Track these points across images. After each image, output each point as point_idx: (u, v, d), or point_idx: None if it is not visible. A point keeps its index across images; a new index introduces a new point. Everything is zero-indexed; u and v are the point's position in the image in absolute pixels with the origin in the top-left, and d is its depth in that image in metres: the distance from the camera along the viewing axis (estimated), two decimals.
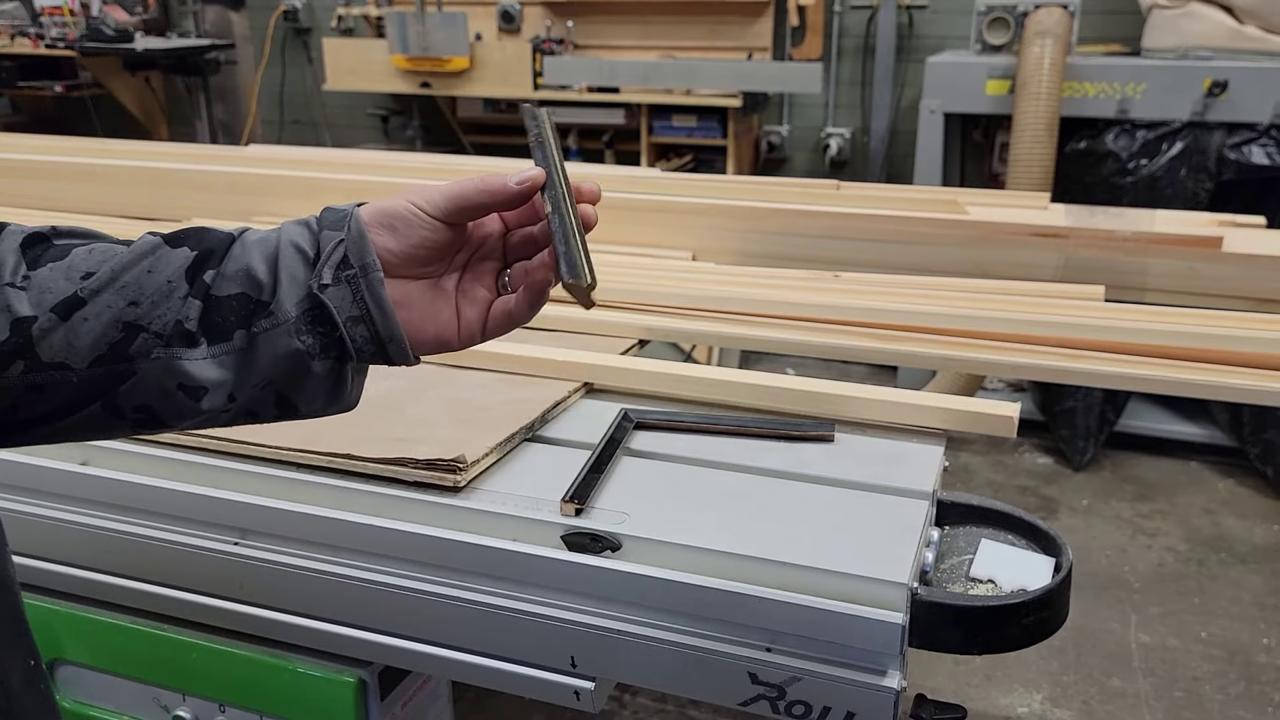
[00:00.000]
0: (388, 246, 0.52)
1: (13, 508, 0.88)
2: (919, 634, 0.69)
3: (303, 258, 0.50)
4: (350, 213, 0.52)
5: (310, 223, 0.52)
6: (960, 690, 1.82)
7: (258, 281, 0.50)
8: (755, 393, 0.92)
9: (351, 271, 0.50)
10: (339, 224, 0.52)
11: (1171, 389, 0.91)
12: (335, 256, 0.50)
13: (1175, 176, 2.40)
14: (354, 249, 0.51)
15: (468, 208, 0.53)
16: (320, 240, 0.51)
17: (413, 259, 0.53)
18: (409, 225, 0.53)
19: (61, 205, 1.55)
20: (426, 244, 0.53)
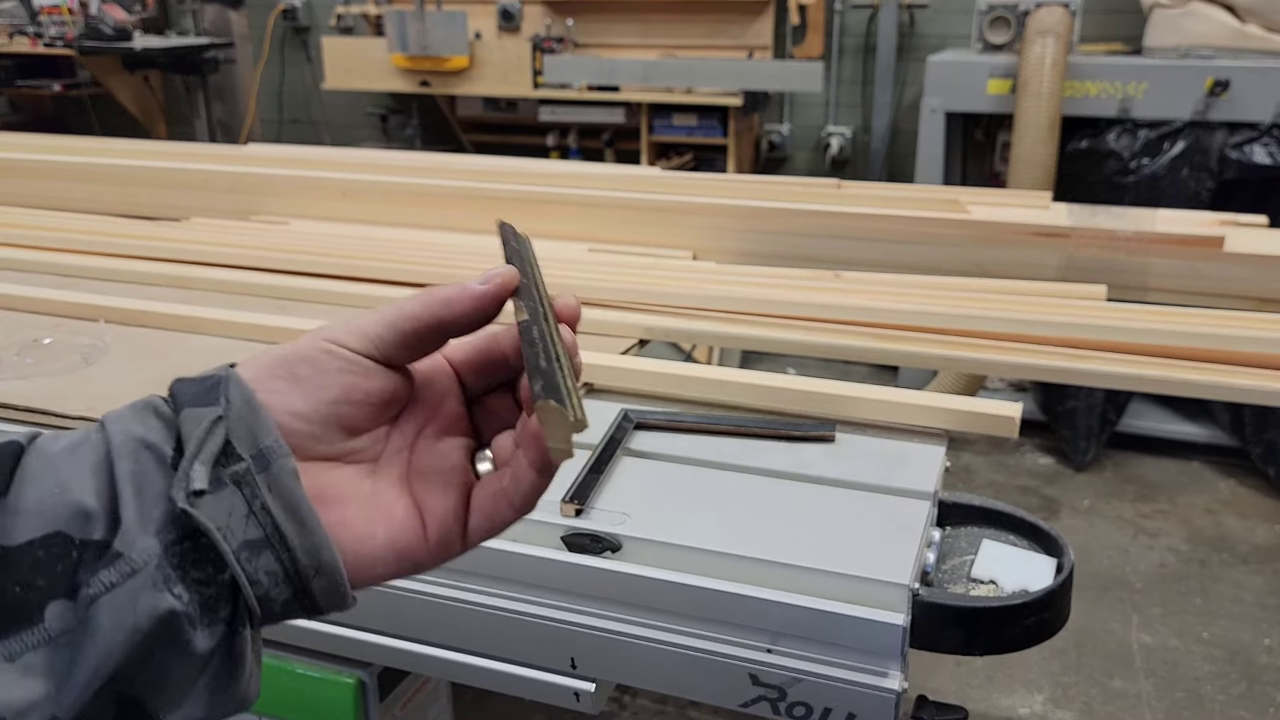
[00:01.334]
0: (293, 409, 0.34)
1: None
2: (920, 635, 0.69)
3: (155, 456, 0.32)
4: (224, 377, 0.34)
5: (155, 403, 0.34)
6: (961, 691, 1.81)
7: (81, 509, 0.30)
8: (756, 393, 0.91)
9: (240, 466, 0.32)
10: (208, 395, 0.33)
11: (1173, 389, 0.91)
12: (211, 445, 0.32)
13: (1177, 176, 2.40)
14: (240, 427, 0.33)
15: (414, 331, 0.36)
16: (181, 424, 0.33)
17: (334, 423, 0.35)
18: (323, 372, 0.35)
19: (60, 205, 1.55)
20: (353, 397, 0.35)
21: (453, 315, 0.36)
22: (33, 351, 1.01)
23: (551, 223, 1.34)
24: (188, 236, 1.35)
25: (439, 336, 0.37)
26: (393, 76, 3.47)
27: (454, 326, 0.37)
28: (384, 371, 0.36)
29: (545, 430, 0.34)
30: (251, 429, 0.33)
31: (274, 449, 0.33)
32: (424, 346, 0.37)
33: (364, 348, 0.36)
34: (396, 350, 0.36)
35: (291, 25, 4.08)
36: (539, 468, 0.36)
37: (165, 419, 0.33)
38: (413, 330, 0.36)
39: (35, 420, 0.89)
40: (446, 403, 0.39)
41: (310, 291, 1.17)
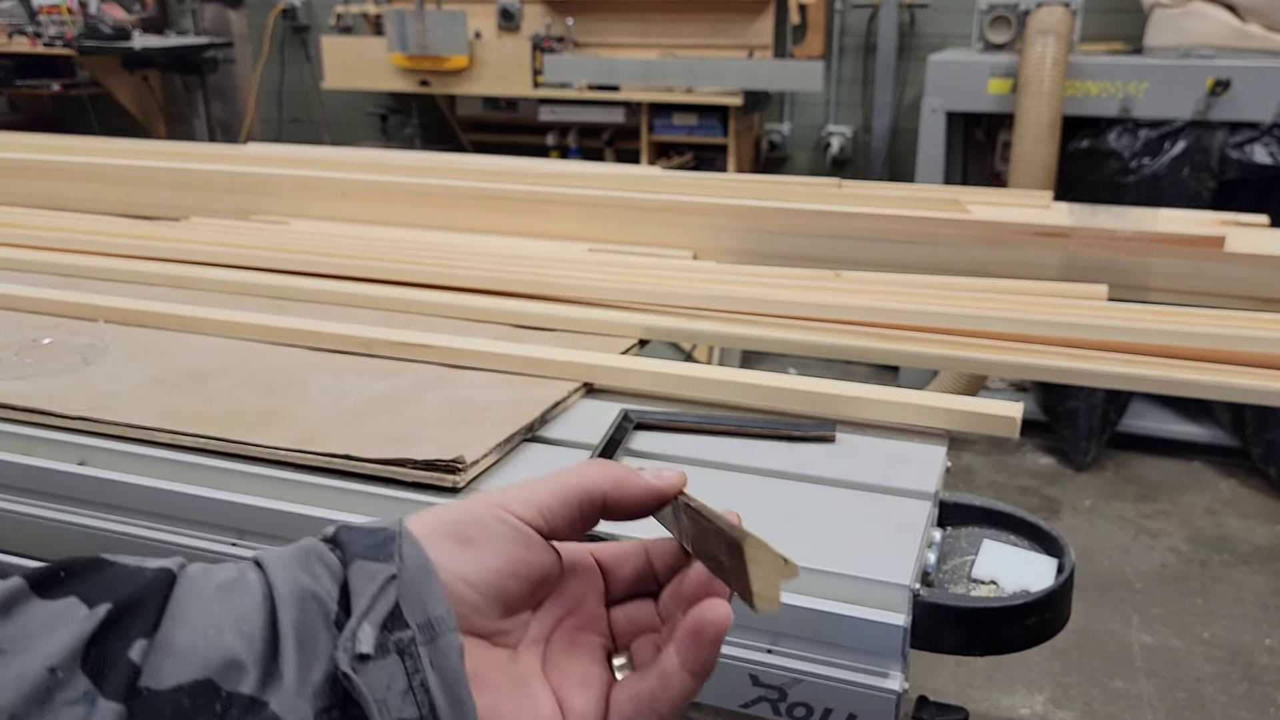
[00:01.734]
0: (462, 574, 0.32)
1: (9, 508, 0.87)
2: (921, 635, 0.69)
3: (320, 610, 0.30)
4: (397, 532, 0.32)
5: (319, 549, 0.32)
6: (962, 691, 1.81)
7: (232, 658, 0.28)
8: (756, 393, 0.91)
9: (406, 633, 0.30)
10: (380, 549, 0.31)
11: (1174, 389, 0.91)
12: (381, 606, 0.30)
13: (1178, 175, 2.40)
14: (411, 591, 0.31)
15: (579, 504, 0.35)
16: (350, 577, 0.31)
17: (496, 596, 0.33)
18: (493, 539, 0.33)
19: (59, 204, 1.55)
20: (517, 570, 0.34)
21: (619, 495, 0.36)
22: (32, 351, 1.01)
23: (551, 222, 1.34)
24: (187, 236, 1.35)
25: (600, 513, 0.36)
26: (392, 76, 3.47)
27: (616, 507, 0.36)
28: (545, 546, 0.35)
29: (751, 573, 0.32)
30: (423, 595, 0.31)
31: (443, 620, 0.31)
32: (585, 522, 0.36)
33: (532, 518, 0.34)
34: (561, 523, 0.35)
35: (291, 25, 4.08)
36: (694, 670, 0.33)
37: (331, 569, 0.31)
38: (577, 502, 0.35)
39: (35, 420, 0.89)
40: (589, 598, 0.37)
41: (310, 291, 1.17)
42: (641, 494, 0.36)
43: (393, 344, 1.01)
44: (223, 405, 0.89)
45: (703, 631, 0.32)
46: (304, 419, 0.86)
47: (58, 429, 0.87)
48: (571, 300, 1.11)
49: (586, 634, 0.36)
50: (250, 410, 0.88)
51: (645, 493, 0.36)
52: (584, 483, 0.35)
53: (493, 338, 1.03)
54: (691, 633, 0.32)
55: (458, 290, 1.14)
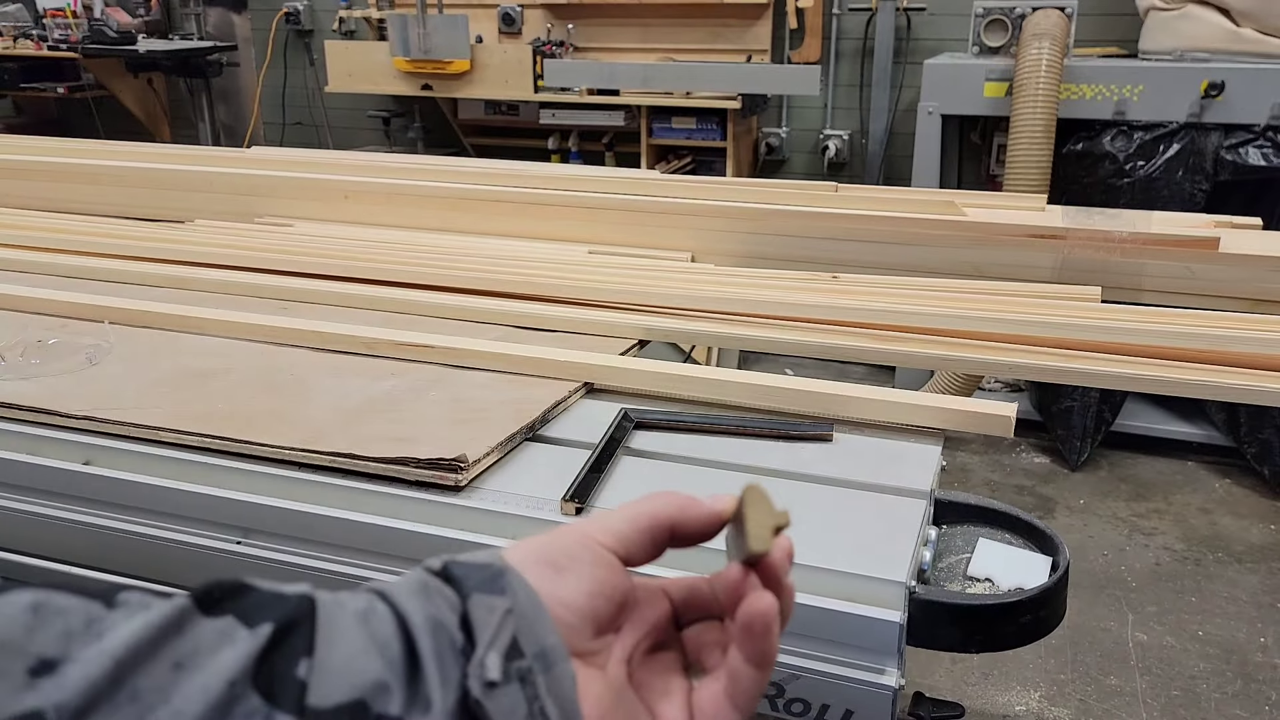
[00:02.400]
0: (561, 597, 0.35)
1: (15, 507, 0.88)
2: (917, 632, 0.70)
3: (449, 639, 0.32)
4: (504, 567, 0.34)
5: (433, 584, 0.33)
6: (958, 688, 1.82)
7: (380, 680, 0.30)
8: (754, 393, 0.92)
9: (524, 663, 0.32)
10: (493, 584, 0.33)
11: (1168, 389, 0.92)
12: (503, 637, 0.32)
13: (1172, 178, 2.41)
14: (525, 623, 0.33)
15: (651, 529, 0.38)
16: (470, 609, 0.33)
17: (589, 617, 0.35)
18: (581, 564, 0.36)
19: (64, 207, 1.56)
20: (605, 591, 0.36)
21: (685, 520, 0.38)
22: (37, 352, 1.02)
23: (552, 225, 1.35)
24: (191, 238, 1.36)
25: (670, 538, 0.38)
26: (395, 80, 3.48)
27: (684, 531, 0.38)
28: (624, 570, 0.37)
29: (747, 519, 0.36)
30: (536, 626, 0.33)
31: (556, 649, 0.33)
32: (656, 547, 0.38)
33: (612, 544, 0.37)
34: (636, 549, 0.38)
35: (294, 29, 4.09)
36: (757, 662, 0.35)
37: (449, 601, 0.33)
38: (649, 527, 0.38)
39: (40, 420, 0.90)
40: (662, 620, 0.39)
41: (313, 292, 1.18)
42: (705, 519, 0.38)
43: (395, 344, 1.02)
44: (226, 405, 0.90)
45: (752, 624, 0.34)
46: (307, 419, 0.87)
47: (63, 429, 0.88)
48: (572, 301, 1.12)
49: (663, 651, 0.39)
50: (253, 410, 0.89)
51: (708, 516, 0.38)
52: (654, 510, 0.38)
53: (494, 338, 1.04)
54: (744, 628, 0.35)
55: (459, 291, 1.15)
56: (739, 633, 0.35)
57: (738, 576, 0.36)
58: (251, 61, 4.22)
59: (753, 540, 0.35)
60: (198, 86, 3.99)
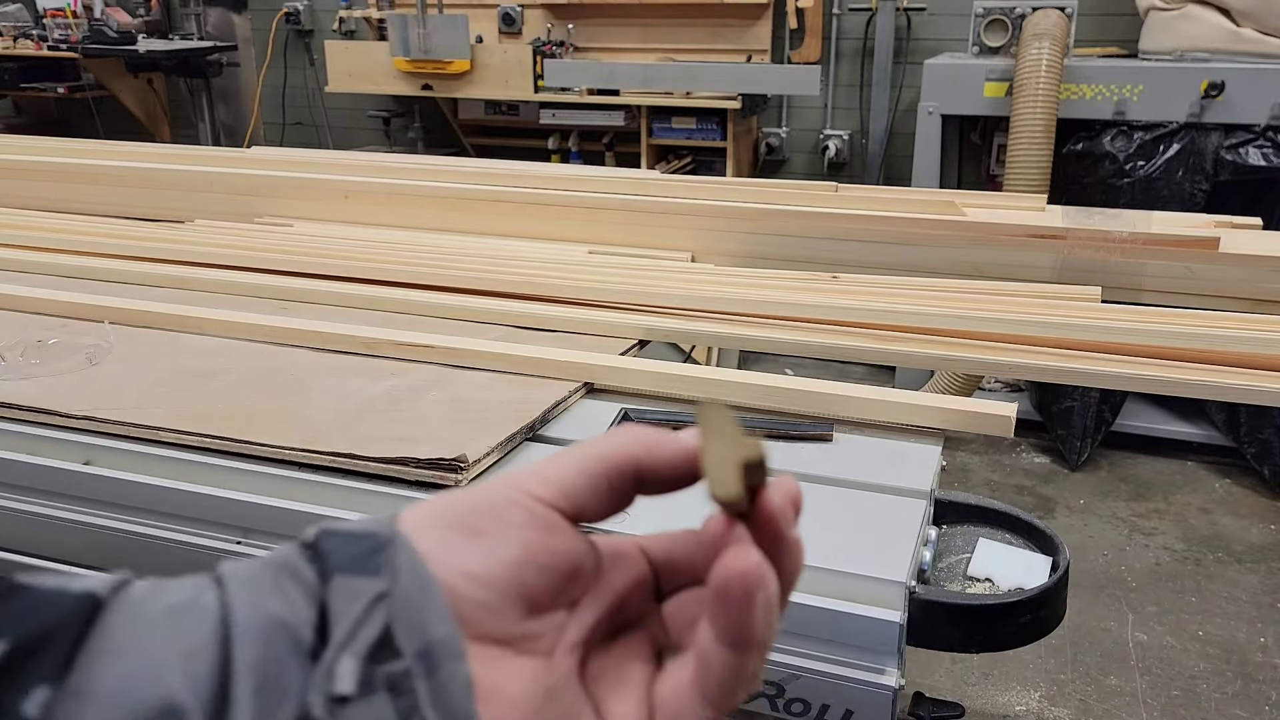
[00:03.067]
0: (467, 568, 0.27)
1: (16, 507, 0.88)
2: (917, 632, 0.70)
3: (289, 641, 0.24)
4: (389, 538, 0.27)
5: (293, 563, 0.26)
6: (958, 688, 1.82)
7: (171, 706, 0.22)
8: (754, 393, 0.92)
9: (399, 665, 0.24)
10: (368, 560, 0.26)
11: (1168, 389, 0.92)
12: (366, 633, 0.24)
13: (1172, 178, 2.41)
14: (406, 611, 0.25)
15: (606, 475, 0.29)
16: (329, 596, 0.25)
17: (514, 592, 0.27)
18: (507, 524, 0.28)
19: (64, 207, 1.56)
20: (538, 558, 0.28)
21: (654, 462, 0.29)
22: (37, 352, 1.02)
23: (552, 225, 1.35)
24: (191, 238, 1.36)
25: (634, 486, 0.29)
26: (395, 80, 3.48)
27: (653, 476, 0.29)
28: (571, 530, 0.29)
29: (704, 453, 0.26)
30: (421, 615, 0.25)
31: (445, 645, 0.25)
32: (617, 497, 0.29)
33: (552, 497, 0.28)
34: (587, 499, 0.29)
35: (294, 29, 4.09)
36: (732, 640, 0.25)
37: (307, 587, 0.25)
38: (604, 474, 0.29)
39: (40, 420, 0.90)
40: (635, 591, 0.30)
41: (313, 292, 1.18)
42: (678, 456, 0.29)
43: (395, 344, 1.02)
44: (226, 405, 0.90)
45: (727, 588, 0.25)
46: (307, 419, 0.87)
47: (63, 429, 0.88)
48: (572, 301, 1.12)
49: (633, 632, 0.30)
50: (253, 410, 0.89)
51: (682, 454, 0.29)
52: (610, 452, 0.29)
53: (494, 338, 1.04)
54: (717, 593, 0.25)
55: (459, 291, 1.15)
56: (710, 600, 0.25)
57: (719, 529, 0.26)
58: (251, 61, 4.22)
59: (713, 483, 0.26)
60: (198, 86, 3.99)
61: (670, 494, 0.30)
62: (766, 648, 0.26)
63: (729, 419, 0.27)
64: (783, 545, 0.27)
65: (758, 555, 0.25)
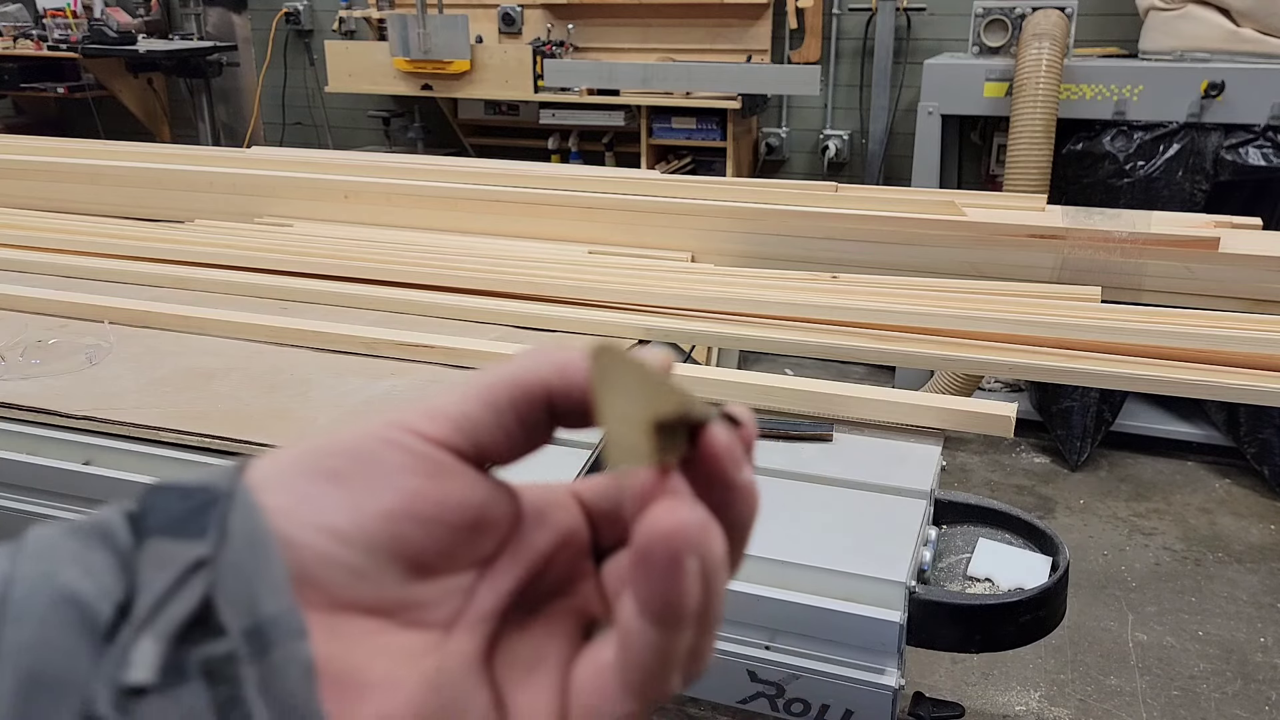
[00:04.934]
0: (327, 523, 0.22)
1: (16, 507, 0.88)
2: (917, 632, 0.70)
3: (80, 619, 0.19)
4: (222, 493, 0.21)
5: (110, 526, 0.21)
6: (958, 688, 1.82)
7: None
8: (754, 393, 0.92)
9: (220, 646, 0.20)
10: (192, 519, 0.21)
11: (1168, 389, 0.92)
12: (177, 608, 0.20)
13: (1172, 178, 2.41)
14: (233, 580, 0.20)
15: (512, 404, 0.24)
16: (139, 564, 0.20)
17: (389, 551, 0.22)
18: (380, 468, 0.22)
19: (64, 207, 1.56)
20: (421, 510, 0.23)
21: (567, 386, 0.24)
22: (38, 352, 1.02)
23: (552, 225, 1.35)
24: (191, 238, 1.36)
25: (549, 418, 0.24)
26: (395, 80, 3.48)
27: (570, 405, 0.24)
28: (471, 474, 0.23)
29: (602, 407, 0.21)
30: (251, 585, 0.20)
31: (280, 622, 0.20)
32: (529, 433, 0.24)
33: (444, 434, 0.23)
34: (492, 435, 0.24)
35: (294, 29, 4.09)
36: (655, 613, 0.21)
37: (119, 553, 0.20)
38: (510, 402, 0.24)
39: (41, 420, 0.90)
40: (567, 550, 0.25)
41: (313, 292, 1.18)
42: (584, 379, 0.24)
43: (395, 344, 1.02)
44: (227, 405, 0.90)
45: (650, 552, 0.20)
46: (307, 418, 0.87)
47: (64, 429, 0.88)
48: (571, 301, 1.12)
49: (559, 601, 0.25)
50: (254, 410, 0.89)
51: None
52: (517, 377, 0.24)
53: (494, 338, 1.04)
54: (639, 559, 0.20)
55: (459, 291, 1.16)
56: (631, 566, 0.21)
57: (651, 479, 0.21)
58: (251, 61, 4.22)
59: (613, 451, 0.21)
60: (198, 86, 3.99)
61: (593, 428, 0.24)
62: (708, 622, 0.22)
63: (632, 363, 0.21)
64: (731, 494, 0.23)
65: (688, 511, 0.20)
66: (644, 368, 0.21)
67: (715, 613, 0.22)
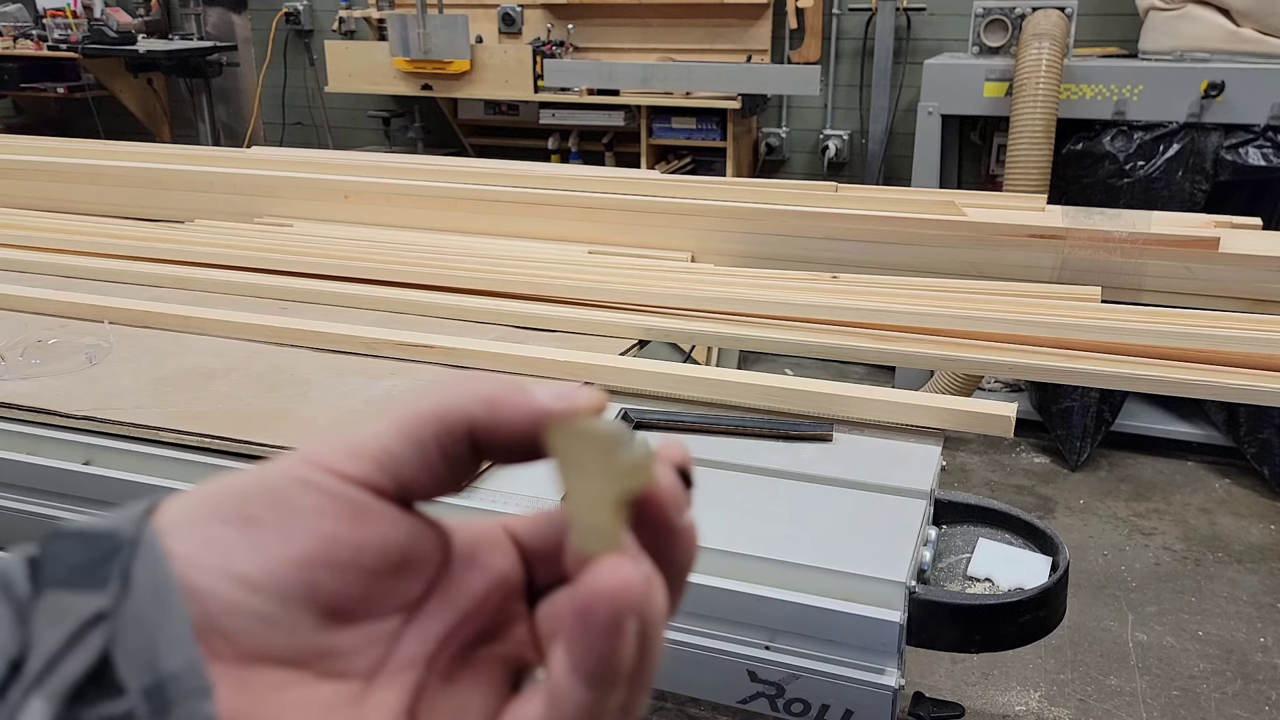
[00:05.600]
0: (237, 570, 0.21)
1: (16, 507, 0.88)
2: (917, 632, 0.70)
3: None
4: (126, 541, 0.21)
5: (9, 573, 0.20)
6: (958, 688, 1.82)
7: None
8: (754, 393, 0.92)
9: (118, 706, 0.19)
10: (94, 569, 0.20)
11: (1168, 389, 0.92)
12: (71, 665, 0.19)
13: (1172, 178, 2.41)
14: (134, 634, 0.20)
15: (435, 438, 0.23)
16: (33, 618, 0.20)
17: (303, 599, 0.21)
18: (293, 512, 0.22)
19: (64, 207, 1.56)
20: (337, 555, 0.22)
21: (495, 423, 0.23)
22: (37, 352, 1.02)
23: (552, 225, 1.35)
24: (191, 238, 1.36)
25: (471, 450, 0.23)
26: (395, 80, 3.48)
27: (495, 441, 0.23)
28: (393, 514, 0.23)
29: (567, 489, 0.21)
30: (153, 639, 0.19)
31: (182, 679, 0.19)
32: (452, 468, 0.23)
33: (363, 472, 0.22)
34: (415, 471, 0.23)
35: (294, 29, 4.09)
36: (588, 673, 0.20)
37: (16, 603, 0.20)
38: (434, 435, 0.23)
39: (41, 420, 0.90)
40: (498, 591, 0.24)
41: (313, 292, 1.18)
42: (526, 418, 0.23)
43: (395, 344, 1.02)
44: (227, 405, 0.90)
45: (590, 610, 0.19)
46: (307, 418, 0.87)
47: (63, 429, 0.88)
48: (571, 301, 1.12)
49: (488, 647, 0.24)
50: (254, 410, 0.89)
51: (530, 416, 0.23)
52: (440, 409, 0.23)
53: (494, 338, 1.04)
54: (578, 616, 0.20)
55: (459, 291, 1.15)
56: (569, 621, 0.20)
57: None
58: (251, 61, 4.22)
59: (580, 534, 0.20)
60: (198, 86, 3.99)
61: (523, 464, 0.23)
62: (643, 681, 0.21)
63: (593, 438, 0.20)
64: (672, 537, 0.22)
65: (631, 568, 0.20)
66: (606, 441, 0.20)
67: (650, 670, 0.21)
